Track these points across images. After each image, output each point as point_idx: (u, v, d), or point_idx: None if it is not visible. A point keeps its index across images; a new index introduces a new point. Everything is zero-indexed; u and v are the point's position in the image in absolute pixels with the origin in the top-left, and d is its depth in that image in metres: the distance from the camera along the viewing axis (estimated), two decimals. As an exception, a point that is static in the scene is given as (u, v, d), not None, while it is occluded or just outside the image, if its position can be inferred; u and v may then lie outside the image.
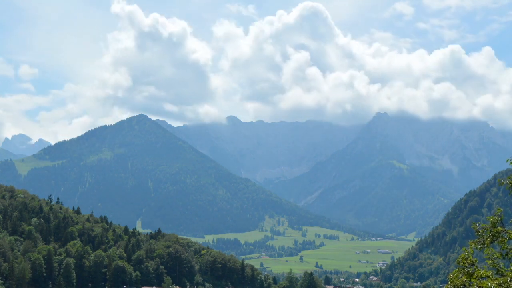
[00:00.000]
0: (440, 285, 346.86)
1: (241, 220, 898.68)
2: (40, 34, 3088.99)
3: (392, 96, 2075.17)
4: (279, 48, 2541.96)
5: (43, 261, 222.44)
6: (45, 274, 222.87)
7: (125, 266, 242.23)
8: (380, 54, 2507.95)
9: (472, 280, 29.56)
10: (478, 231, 30.97)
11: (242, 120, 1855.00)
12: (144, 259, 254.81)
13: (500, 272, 30.01)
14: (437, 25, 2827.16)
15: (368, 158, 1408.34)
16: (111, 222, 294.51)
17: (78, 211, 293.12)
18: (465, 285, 29.89)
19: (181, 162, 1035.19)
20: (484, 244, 30.41)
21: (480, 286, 28.63)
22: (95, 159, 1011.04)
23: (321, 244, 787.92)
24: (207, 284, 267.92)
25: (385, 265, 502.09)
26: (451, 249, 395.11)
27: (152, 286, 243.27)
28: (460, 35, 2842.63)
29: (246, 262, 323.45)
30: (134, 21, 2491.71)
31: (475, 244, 30.78)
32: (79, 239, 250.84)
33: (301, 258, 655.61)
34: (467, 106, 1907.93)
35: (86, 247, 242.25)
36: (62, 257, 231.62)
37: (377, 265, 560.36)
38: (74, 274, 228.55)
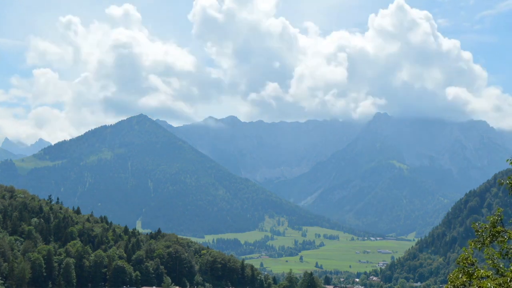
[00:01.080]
0: (440, 285, 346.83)
1: (241, 220, 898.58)
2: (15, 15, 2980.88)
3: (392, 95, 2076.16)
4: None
5: (43, 261, 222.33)
6: (45, 274, 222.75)
7: (125, 266, 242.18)
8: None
9: (472, 280, 29.55)
10: (477, 231, 30.98)
11: (242, 120, 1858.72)
12: (144, 259, 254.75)
13: (500, 272, 29.99)
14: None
15: (368, 158, 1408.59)
16: (111, 222, 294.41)
17: (78, 211, 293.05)
18: (465, 285, 29.88)
19: (181, 162, 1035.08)
20: (483, 243, 30.42)
21: (480, 286, 28.60)
22: (95, 159, 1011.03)
23: (321, 244, 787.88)
24: (207, 284, 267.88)
25: (385, 265, 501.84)
26: (451, 249, 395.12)
27: (152, 286, 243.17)
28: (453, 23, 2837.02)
29: (246, 262, 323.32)
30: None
31: (474, 243, 30.79)
32: (79, 239, 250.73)
33: (301, 258, 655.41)
34: (467, 106, 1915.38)
35: (86, 247, 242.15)
36: (62, 257, 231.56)
37: (377, 265, 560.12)
38: (74, 274, 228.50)
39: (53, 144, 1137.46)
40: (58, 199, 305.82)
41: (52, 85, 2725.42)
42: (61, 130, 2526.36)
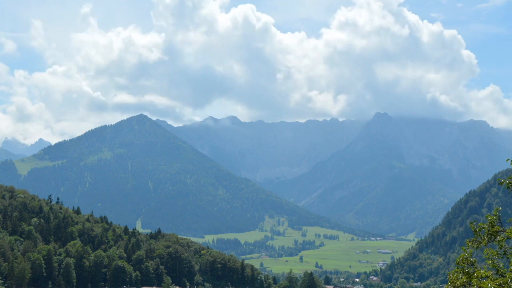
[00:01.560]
0: (440, 285, 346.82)
1: (241, 220, 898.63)
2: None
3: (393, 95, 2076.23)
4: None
5: (43, 261, 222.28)
6: (45, 274, 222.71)
7: (125, 266, 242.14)
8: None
9: (472, 280, 29.51)
10: (475, 230, 30.92)
11: (242, 120, 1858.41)
12: (144, 259, 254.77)
13: (500, 272, 29.94)
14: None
15: (368, 158, 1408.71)
16: (111, 222, 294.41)
17: (78, 211, 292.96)
18: (465, 286, 29.84)
19: (181, 162, 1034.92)
20: (481, 243, 30.37)
21: (480, 287, 28.57)
22: (95, 159, 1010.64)
23: (321, 244, 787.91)
24: (207, 284, 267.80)
25: (385, 265, 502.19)
26: (451, 249, 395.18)
27: (152, 286, 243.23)
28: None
29: (246, 262, 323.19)
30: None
31: (472, 243, 30.74)
32: (79, 239, 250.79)
33: (301, 258, 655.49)
34: (467, 106, 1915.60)
35: (86, 247, 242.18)
36: (62, 257, 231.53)
37: (377, 265, 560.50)
38: (74, 274, 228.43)
39: (53, 144, 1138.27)
40: (58, 199, 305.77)
41: (29, 82, 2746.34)
42: (39, 129, 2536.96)
